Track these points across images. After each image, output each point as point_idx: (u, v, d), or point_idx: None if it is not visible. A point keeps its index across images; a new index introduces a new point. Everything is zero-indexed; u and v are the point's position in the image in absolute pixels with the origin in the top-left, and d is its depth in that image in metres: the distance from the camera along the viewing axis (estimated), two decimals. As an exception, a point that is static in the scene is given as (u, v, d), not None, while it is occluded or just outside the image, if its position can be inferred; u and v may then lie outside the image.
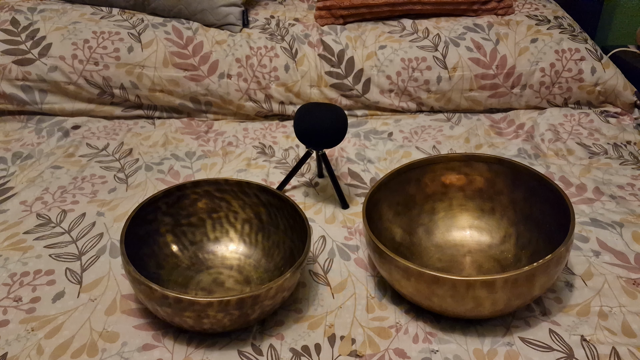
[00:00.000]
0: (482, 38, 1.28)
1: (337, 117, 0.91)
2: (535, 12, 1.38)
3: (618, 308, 0.75)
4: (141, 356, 0.70)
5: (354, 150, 1.14)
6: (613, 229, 0.90)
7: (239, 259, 0.84)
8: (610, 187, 1.00)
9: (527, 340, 0.71)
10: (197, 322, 0.68)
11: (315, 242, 0.89)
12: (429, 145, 1.15)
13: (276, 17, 1.35)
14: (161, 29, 1.26)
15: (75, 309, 0.76)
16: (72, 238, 0.89)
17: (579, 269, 0.82)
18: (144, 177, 1.05)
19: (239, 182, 0.86)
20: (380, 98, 1.26)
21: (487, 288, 0.66)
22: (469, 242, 0.86)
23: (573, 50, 1.27)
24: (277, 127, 1.23)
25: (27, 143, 1.16)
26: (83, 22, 1.27)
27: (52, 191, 1.00)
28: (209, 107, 1.26)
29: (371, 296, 0.79)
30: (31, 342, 0.71)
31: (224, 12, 1.28)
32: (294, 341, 0.72)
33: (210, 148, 1.15)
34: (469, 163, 0.87)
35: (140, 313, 0.76)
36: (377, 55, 1.25)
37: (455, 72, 1.24)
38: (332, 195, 0.99)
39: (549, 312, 0.75)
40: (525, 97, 1.27)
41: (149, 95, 1.24)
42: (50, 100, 1.24)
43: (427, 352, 0.70)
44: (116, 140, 1.17)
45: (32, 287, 0.79)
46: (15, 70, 1.21)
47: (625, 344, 0.70)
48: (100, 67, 1.22)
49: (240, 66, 1.23)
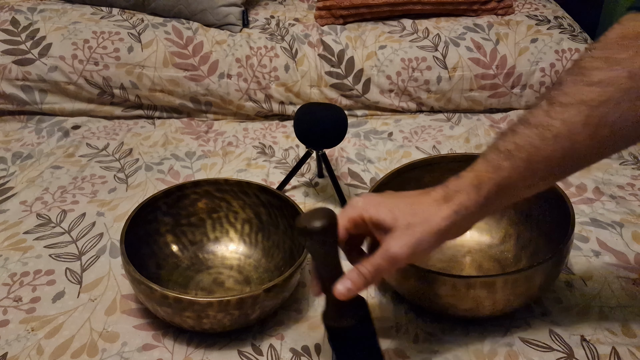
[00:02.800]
0: (482, 38, 1.28)
1: (337, 117, 0.91)
2: (535, 12, 1.38)
3: (618, 308, 0.75)
4: (141, 356, 0.69)
5: (354, 150, 1.14)
6: (613, 229, 0.90)
7: (239, 259, 0.84)
8: (610, 187, 1.00)
9: (527, 340, 0.71)
10: (197, 322, 0.68)
11: (315, 242, 0.89)
12: (429, 145, 1.15)
13: (276, 17, 1.35)
14: (161, 29, 1.26)
15: (75, 309, 0.76)
16: (72, 238, 0.89)
17: (579, 269, 0.82)
18: (144, 177, 1.05)
19: (239, 182, 0.86)
20: (380, 98, 1.26)
21: (487, 288, 0.66)
22: (469, 242, 0.86)
23: (573, 50, 1.27)
24: (277, 127, 1.23)
25: (27, 143, 1.16)
26: (83, 22, 1.27)
27: (52, 191, 1.00)
28: (209, 107, 1.26)
29: (371, 296, 0.79)
30: (31, 342, 0.71)
31: (224, 12, 1.28)
32: (294, 341, 0.72)
33: (210, 148, 1.15)
34: (469, 163, 0.87)
35: (140, 313, 0.76)
36: (377, 55, 1.25)
37: (455, 72, 1.24)
38: (332, 195, 0.99)
39: (549, 312, 0.75)
40: (526, 97, 1.27)
41: (149, 95, 1.24)
42: (50, 100, 1.24)
43: (427, 352, 0.70)
44: (116, 140, 1.17)
45: (32, 287, 0.79)
46: (15, 70, 1.21)
47: (625, 344, 0.70)
48: (100, 67, 1.22)
49: (240, 66, 1.23)
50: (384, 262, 0.57)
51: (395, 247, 0.56)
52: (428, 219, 0.57)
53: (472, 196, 0.57)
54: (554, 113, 0.54)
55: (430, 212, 0.57)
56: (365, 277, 0.58)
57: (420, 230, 0.56)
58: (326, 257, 0.60)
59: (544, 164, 0.56)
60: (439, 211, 0.57)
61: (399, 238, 0.56)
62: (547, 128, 0.54)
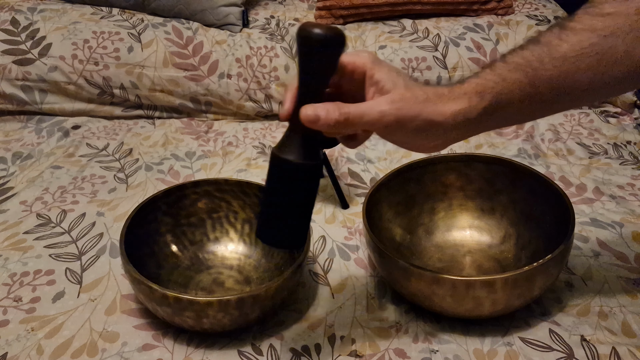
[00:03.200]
0: (482, 38, 1.28)
1: (337, 117, 0.90)
2: (535, 12, 1.38)
3: (618, 308, 0.75)
4: (141, 356, 0.69)
5: (353, 150, 1.14)
6: (613, 229, 0.90)
7: (239, 259, 0.84)
8: (610, 187, 1.00)
9: (527, 340, 0.71)
10: (197, 322, 0.68)
11: (315, 242, 0.89)
12: (429, 145, 1.15)
13: (276, 17, 1.35)
14: (161, 29, 1.26)
15: (75, 309, 0.76)
16: (72, 238, 0.89)
17: (579, 269, 0.82)
18: (144, 177, 1.05)
19: (239, 182, 0.86)
20: (380, 98, 1.25)
21: (487, 288, 0.66)
22: (469, 242, 0.86)
23: (573, 50, 1.26)
24: (277, 127, 1.23)
25: (27, 143, 1.16)
26: (83, 22, 1.27)
27: (52, 191, 1.00)
28: (209, 107, 1.26)
29: (371, 296, 0.79)
30: (31, 342, 0.71)
31: (224, 12, 1.28)
32: (294, 341, 0.72)
33: (210, 148, 1.15)
34: (469, 163, 0.87)
35: (140, 313, 0.76)
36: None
37: (455, 72, 1.24)
38: (332, 195, 0.99)
39: (549, 312, 0.75)
40: (525, 97, 1.27)
41: (149, 95, 1.24)
42: (50, 100, 1.24)
43: (427, 352, 0.70)
44: (116, 140, 1.17)
45: (32, 287, 0.79)
46: (15, 70, 1.21)
47: (625, 344, 0.70)
48: (100, 67, 1.22)
49: (240, 66, 1.23)
50: (371, 112, 0.53)
51: (388, 105, 0.53)
52: (427, 104, 0.54)
53: (473, 103, 0.55)
54: (564, 36, 0.56)
55: (430, 99, 0.55)
56: (341, 115, 0.53)
57: (418, 108, 0.54)
58: (317, 74, 0.54)
59: (547, 84, 0.56)
60: (438, 105, 0.55)
61: (395, 102, 0.53)
62: (555, 48, 0.56)
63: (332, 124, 0.53)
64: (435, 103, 0.55)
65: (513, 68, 0.56)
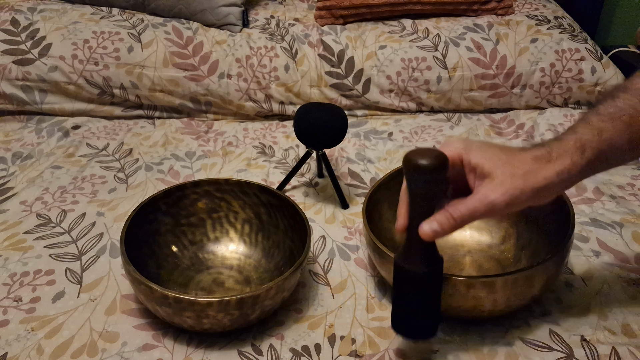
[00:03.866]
0: (482, 38, 1.28)
1: (337, 117, 0.91)
2: (535, 12, 1.38)
3: (618, 308, 0.75)
4: (141, 356, 0.69)
5: (354, 150, 1.14)
6: (613, 229, 0.90)
7: (239, 259, 0.84)
8: (610, 187, 1.00)
9: (527, 340, 0.71)
10: (197, 322, 0.68)
11: (315, 242, 0.89)
12: (429, 145, 1.15)
13: (276, 17, 1.35)
14: (161, 29, 1.26)
15: (75, 309, 0.76)
16: (72, 238, 0.89)
17: (579, 269, 0.82)
18: (144, 177, 1.05)
19: (239, 182, 0.86)
20: (380, 98, 1.26)
21: (487, 288, 0.66)
22: (468, 242, 0.86)
23: (573, 50, 1.27)
24: (277, 127, 1.23)
25: (27, 143, 1.16)
26: (83, 22, 1.27)
27: (52, 191, 1.00)
28: (209, 107, 1.26)
29: (371, 296, 0.79)
30: (31, 342, 0.71)
31: (224, 12, 1.28)
32: (294, 341, 0.72)
33: (210, 148, 1.15)
34: (469, 163, 0.87)
35: (140, 313, 0.76)
36: (377, 55, 1.25)
37: (455, 72, 1.24)
38: (332, 195, 0.99)
39: (549, 312, 0.75)
40: (525, 97, 1.27)
41: (149, 95, 1.24)
42: (50, 100, 1.24)
43: (427, 352, 0.70)
44: (116, 140, 1.17)
45: (32, 287, 0.79)
46: (15, 70, 1.21)
47: (625, 344, 0.70)
48: (100, 67, 1.22)
49: (240, 66, 1.23)
50: (481, 207, 0.57)
51: (496, 194, 0.56)
52: (529, 174, 0.56)
53: (575, 159, 0.57)
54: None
55: (531, 168, 0.57)
56: (455, 220, 0.57)
57: (522, 183, 0.56)
58: (426, 196, 0.59)
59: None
60: (541, 170, 0.57)
61: (500, 185, 0.56)
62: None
63: (448, 231, 0.58)
64: (536, 172, 0.57)
65: (608, 119, 0.58)
